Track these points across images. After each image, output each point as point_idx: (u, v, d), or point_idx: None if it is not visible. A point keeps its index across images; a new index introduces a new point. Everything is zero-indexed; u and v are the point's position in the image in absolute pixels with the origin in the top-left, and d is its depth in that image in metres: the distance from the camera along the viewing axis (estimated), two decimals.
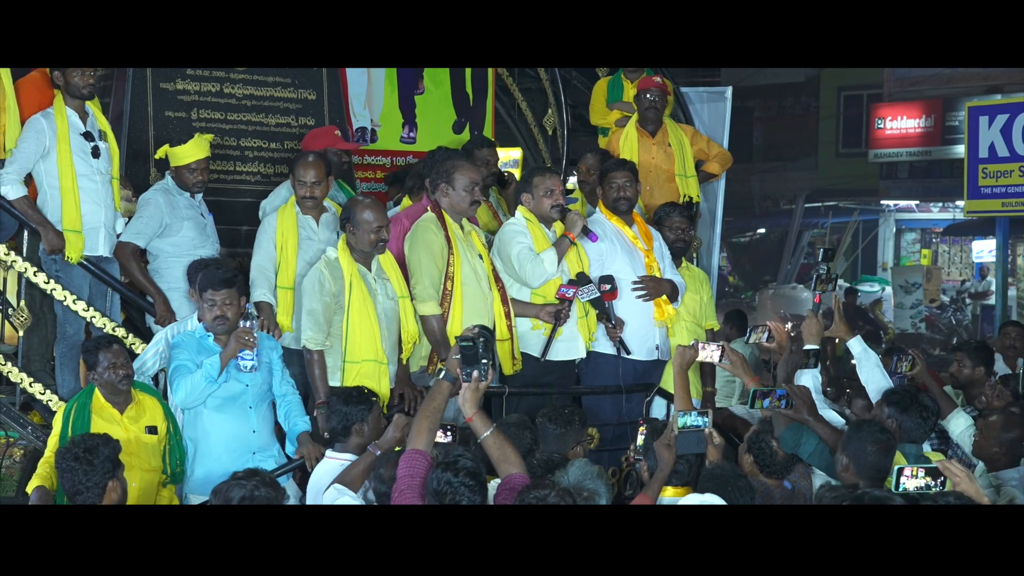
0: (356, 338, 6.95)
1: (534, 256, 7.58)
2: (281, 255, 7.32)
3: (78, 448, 5.60)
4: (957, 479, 4.88)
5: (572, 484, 5.28)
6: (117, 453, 5.67)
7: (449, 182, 7.39)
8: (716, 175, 9.96)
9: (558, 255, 7.62)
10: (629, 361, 7.88)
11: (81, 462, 5.53)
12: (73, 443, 5.68)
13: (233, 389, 6.74)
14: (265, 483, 5.03)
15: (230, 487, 5.00)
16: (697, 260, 9.65)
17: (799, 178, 30.47)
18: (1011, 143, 13.85)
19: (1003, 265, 16.13)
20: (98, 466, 5.53)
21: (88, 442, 5.65)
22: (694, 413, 6.15)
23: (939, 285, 26.01)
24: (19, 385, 7.34)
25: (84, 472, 5.52)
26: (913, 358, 7.16)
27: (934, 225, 30.80)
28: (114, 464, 5.64)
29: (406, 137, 9.74)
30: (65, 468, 5.58)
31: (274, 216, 7.44)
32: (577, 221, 7.74)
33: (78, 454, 5.56)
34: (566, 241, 7.69)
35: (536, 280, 7.60)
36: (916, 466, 4.93)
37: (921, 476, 4.88)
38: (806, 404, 6.23)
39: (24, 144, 7.26)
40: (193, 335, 6.83)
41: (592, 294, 7.67)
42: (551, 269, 7.59)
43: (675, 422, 6.04)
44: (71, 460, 5.56)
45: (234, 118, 8.70)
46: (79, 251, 7.30)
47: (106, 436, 5.79)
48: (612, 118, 10.01)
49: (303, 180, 7.38)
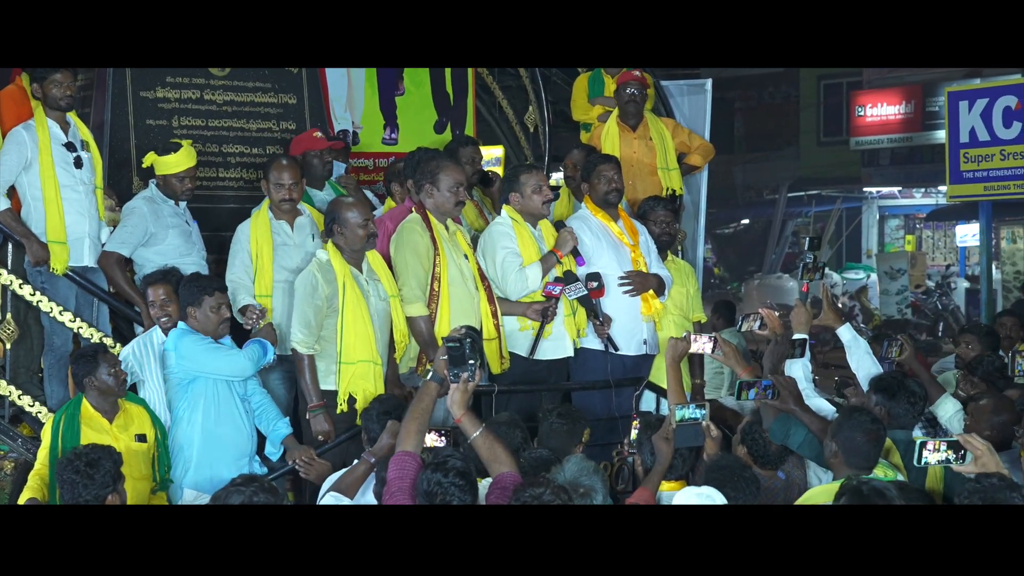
0: (351, 339, 6.95)
1: (518, 269, 7.56)
2: (257, 263, 7.32)
3: (80, 461, 5.55)
4: (978, 452, 4.92)
5: (568, 481, 5.27)
6: (119, 466, 5.63)
7: (434, 183, 7.38)
8: (698, 167, 9.98)
9: (543, 271, 7.60)
10: (618, 357, 7.87)
11: (82, 475, 5.49)
12: (75, 455, 5.62)
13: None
14: (264, 488, 5.03)
15: (229, 493, 4.99)
16: (682, 253, 9.65)
17: (781, 168, 30.50)
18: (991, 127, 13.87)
19: (987, 249, 16.16)
20: (99, 480, 5.49)
21: (91, 455, 5.59)
22: (692, 406, 6.16)
23: (924, 270, 26.03)
24: (7, 398, 7.33)
25: (84, 485, 5.49)
26: (902, 343, 7.19)
27: (917, 211, 30.82)
28: (115, 477, 5.60)
29: (388, 139, 9.73)
30: (66, 480, 5.53)
31: (246, 225, 7.45)
32: (568, 241, 7.71)
33: (79, 467, 5.51)
34: (553, 258, 7.66)
35: (516, 293, 7.59)
36: (938, 439, 4.97)
37: (943, 450, 4.92)
38: (792, 394, 6.24)
39: (6, 157, 7.26)
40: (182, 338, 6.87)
41: (579, 292, 7.66)
42: (533, 286, 7.57)
43: (673, 415, 6.05)
44: (72, 473, 5.51)
45: (215, 124, 8.67)
46: (64, 262, 7.29)
47: (109, 448, 5.75)
48: (594, 113, 10.02)
49: (280, 182, 7.39)
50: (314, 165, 8.18)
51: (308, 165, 8.09)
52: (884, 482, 4.74)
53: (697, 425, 6.11)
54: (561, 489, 4.92)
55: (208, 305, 6.78)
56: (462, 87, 10.19)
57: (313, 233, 7.46)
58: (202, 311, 6.77)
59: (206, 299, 6.78)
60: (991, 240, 16.97)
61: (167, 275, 7.07)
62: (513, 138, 11.49)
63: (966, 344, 8.35)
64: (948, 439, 5.00)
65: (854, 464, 5.46)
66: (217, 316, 6.81)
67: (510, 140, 11.59)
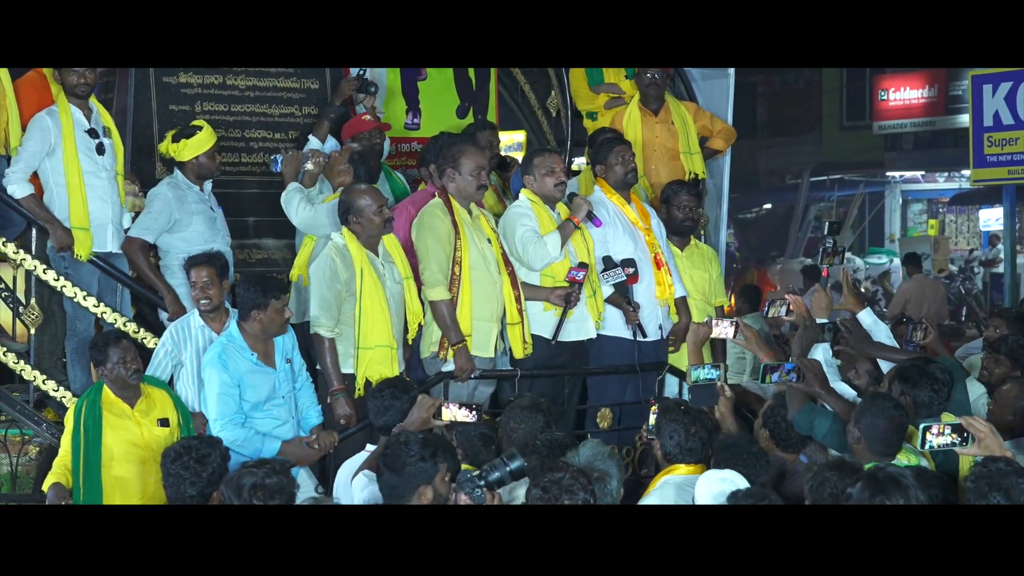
0: (368, 324, 6.96)
1: (537, 239, 7.56)
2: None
3: (189, 456, 5.45)
4: (981, 434, 4.90)
5: (584, 465, 5.27)
6: (227, 461, 5.54)
7: (455, 167, 7.39)
8: (721, 151, 9.94)
9: (562, 239, 7.61)
10: (636, 342, 7.90)
11: (191, 471, 5.41)
12: (184, 448, 5.52)
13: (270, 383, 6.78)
14: (276, 471, 5.00)
15: (241, 475, 4.98)
16: (705, 237, 9.63)
17: (804, 152, 30.40)
18: (1015, 111, 13.78)
19: (1011, 233, 16.06)
20: (205, 477, 5.40)
21: (201, 450, 5.49)
22: (707, 366, 6.18)
23: (947, 255, 25.96)
24: (32, 383, 7.37)
25: (191, 482, 5.41)
26: (927, 327, 7.17)
27: (940, 195, 30.73)
28: (222, 474, 5.46)
29: (410, 123, 9.71)
30: (172, 474, 5.45)
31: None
32: (582, 205, 7.73)
33: (188, 463, 5.43)
34: (570, 225, 7.67)
35: (538, 263, 7.60)
36: (941, 423, 4.95)
37: (947, 433, 4.91)
38: (817, 377, 6.23)
39: (29, 142, 7.27)
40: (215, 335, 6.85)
41: (618, 278, 7.70)
42: (554, 252, 7.58)
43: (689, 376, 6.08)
44: (180, 468, 5.43)
45: (238, 110, 8.68)
46: (88, 248, 7.31)
47: (217, 442, 5.66)
48: (600, 101, 9.97)
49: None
50: (364, 147, 8.23)
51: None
52: (901, 468, 4.72)
53: (712, 385, 6.12)
54: (580, 473, 4.91)
55: (274, 308, 6.72)
56: (484, 72, 10.15)
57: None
58: (267, 314, 6.70)
59: (273, 303, 6.73)
60: (1015, 224, 16.86)
61: (212, 258, 7.04)
62: (535, 123, 11.45)
63: (995, 327, 8.32)
64: (951, 422, 4.98)
65: (876, 450, 5.44)
66: (281, 317, 6.75)
67: (532, 125, 11.56)
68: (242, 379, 6.62)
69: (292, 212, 7.62)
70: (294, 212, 7.60)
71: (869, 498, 4.39)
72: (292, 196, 7.62)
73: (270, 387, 6.72)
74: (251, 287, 6.72)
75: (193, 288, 7.02)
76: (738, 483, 5.17)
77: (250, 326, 6.70)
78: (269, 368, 6.73)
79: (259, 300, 6.66)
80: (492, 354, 7.45)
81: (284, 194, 7.70)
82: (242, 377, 6.62)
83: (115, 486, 6.37)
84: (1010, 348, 7.34)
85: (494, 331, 7.42)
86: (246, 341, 6.67)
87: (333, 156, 7.86)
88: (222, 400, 6.57)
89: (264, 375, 6.70)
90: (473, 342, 7.31)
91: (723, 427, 6.03)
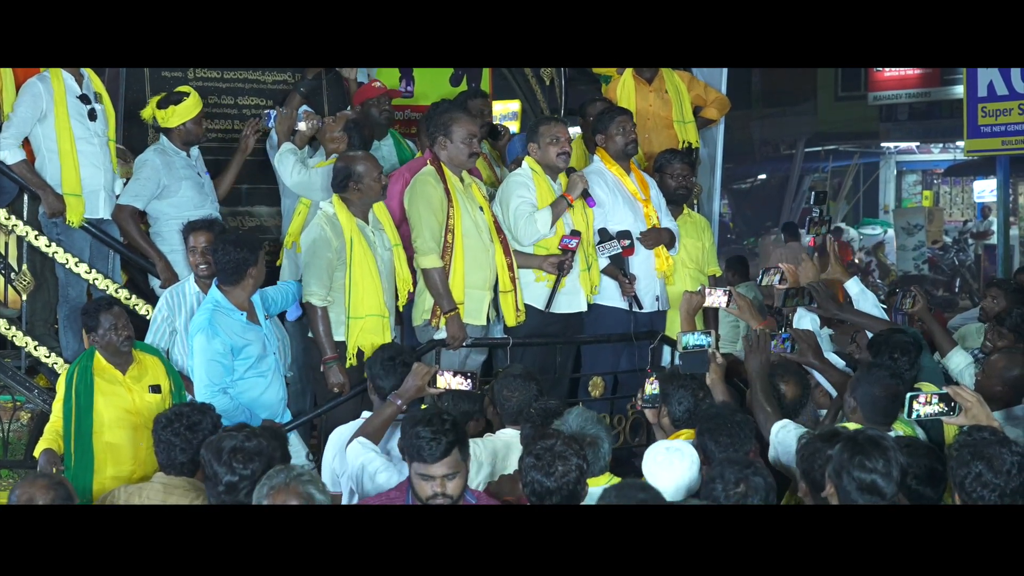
0: (359, 293, 6.96)
1: (529, 215, 7.57)
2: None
3: (180, 423, 5.38)
4: (968, 404, 4.90)
5: (574, 431, 5.29)
6: (218, 428, 5.44)
7: (447, 135, 7.39)
8: (714, 120, 9.94)
9: (553, 216, 7.60)
10: (632, 313, 7.91)
11: (181, 438, 5.33)
12: (176, 415, 5.44)
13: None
14: (255, 434, 4.97)
15: (221, 438, 4.94)
16: (698, 207, 9.64)
17: (799, 123, 30.40)
18: (1010, 81, 13.75)
19: (1004, 204, 16.08)
20: (196, 444, 5.29)
21: (192, 417, 5.42)
22: (698, 333, 6.20)
23: (941, 226, 25.98)
24: (24, 349, 7.37)
25: (182, 449, 5.33)
26: (916, 295, 7.19)
27: (935, 166, 30.74)
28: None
29: (403, 91, 9.69)
30: (162, 440, 5.39)
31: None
32: (578, 183, 7.72)
33: (179, 430, 5.35)
34: (563, 202, 7.67)
35: (527, 239, 7.61)
36: (929, 393, 4.96)
37: (934, 403, 4.92)
38: (811, 347, 6.24)
39: (21, 108, 7.25)
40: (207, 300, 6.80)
41: (614, 250, 7.73)
42: (543, 230, 7.58)
43: (679, 343, 6.10)
44: (171, 435, 5.36)
45: (230, 76, 8.65)
46: (80, 215, 7.30)
47: (208, 408, 5.59)
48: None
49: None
50: (373, 115, 8.27)
51: (368, 115, 8.21)
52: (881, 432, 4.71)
53: (703, 352, 6.14)
54: (572, 439, 4.93)
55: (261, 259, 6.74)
56: None
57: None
58: (258, 267, 6.70)
59: (259, 254, 6.74)
60: (1008, 195, 16.87)
61: (211, 224, 7.09)
62: (529, 92, 11.42)
63: (992, 298, 8.33)
64: (939, 391, 4.98)
65: (873, 420, 5.44)
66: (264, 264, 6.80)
67: (526, 94, 11.52)
68: (236, 340, 6.63)
69: (286, 173, 7.61)
70: (288, 173, 7.59)
71: (848, 459, 4.38)
72: (287, 157, 7.62)
73: (261, 344, 6.74)
74: (237, 248, 6.68)
75: (192, 254, 7.04)
76: (685, 452, 5.17)
77: (244, 285, 6.70)
78: (257, 326, 6.76)
79: (250, 257, 6.69)
80: (484, 322, 7.45)
81: (278, 155, 7.70)
82: (237, 338, 6.63)
83: (106, 452, 6.36)
84: (1015, 322, 7.35)
85: (486, 299, 7.42)
86: (232, 303, 6.69)
87: (327, 122, 7.84)
88: (212, 367, 6.57)
89: (255, 332, 6.73)
90: (465, 310, 7.31)
91: (714, 395, 6.02)
